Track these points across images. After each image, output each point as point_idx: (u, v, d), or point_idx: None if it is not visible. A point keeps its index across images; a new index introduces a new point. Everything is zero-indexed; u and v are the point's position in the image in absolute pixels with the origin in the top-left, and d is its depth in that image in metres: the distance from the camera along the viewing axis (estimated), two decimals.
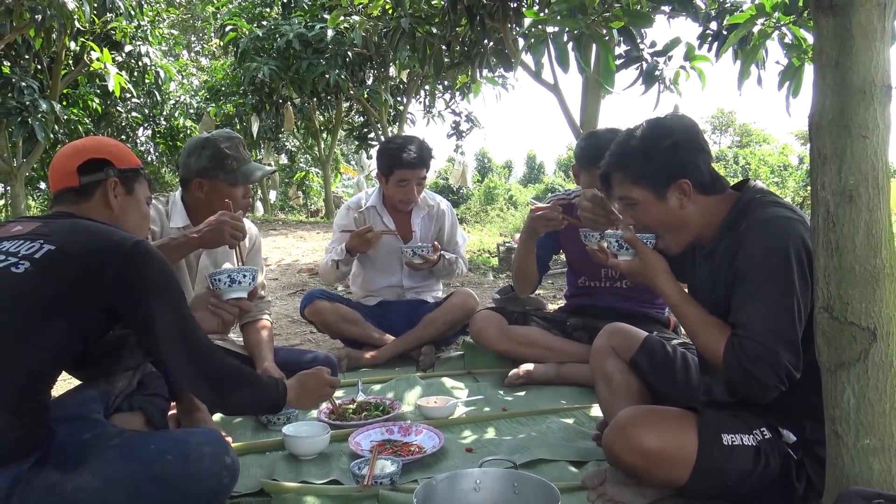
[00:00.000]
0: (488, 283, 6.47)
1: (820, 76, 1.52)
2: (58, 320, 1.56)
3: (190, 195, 2.66)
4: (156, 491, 1.52)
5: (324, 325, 3.54)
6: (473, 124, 12.67)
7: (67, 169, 1.82)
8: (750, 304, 1.72)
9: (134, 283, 1.61)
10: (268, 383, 1.87)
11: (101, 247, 1.62)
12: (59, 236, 1.62)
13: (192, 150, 2.63)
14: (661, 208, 1.87)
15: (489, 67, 5.34)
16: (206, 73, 15.40)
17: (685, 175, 1.84)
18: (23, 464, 1.49)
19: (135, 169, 1.91)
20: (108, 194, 1.83)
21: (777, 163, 14.10)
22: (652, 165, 1.85)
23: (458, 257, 3.64)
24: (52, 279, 1.56)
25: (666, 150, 1.84)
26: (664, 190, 1.85)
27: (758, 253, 1.73)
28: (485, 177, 25.71)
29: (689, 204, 1.86)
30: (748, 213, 1.81)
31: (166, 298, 1.66)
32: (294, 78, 9.47)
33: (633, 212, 1.92)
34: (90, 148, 1.87)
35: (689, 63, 4.16)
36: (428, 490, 1.69)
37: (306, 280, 6.46)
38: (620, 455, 1.77)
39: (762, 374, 1.66)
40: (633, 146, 1.89)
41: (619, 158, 1.92)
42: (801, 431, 1.78)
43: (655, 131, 1.89)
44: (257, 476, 2.08)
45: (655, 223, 1.90)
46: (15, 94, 7.33)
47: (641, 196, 1.88)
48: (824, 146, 1.51)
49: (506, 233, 11.78)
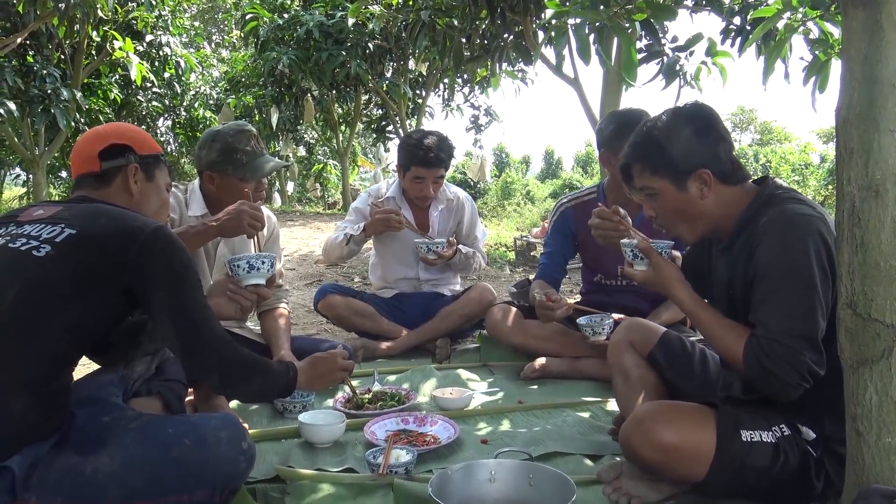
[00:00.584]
0: (505, 276, 6.47)
1: (848, 69, 1.49)
2: (79, 303, 1.57)
3: (207, 188, 2.68)
4: (173, 474, 1.53)
5: (337, 318, 3.55)
6: (492, 118, 12.65)
7: (89, 154, 1.83)
8: (769, 302, 1.69)
9: (152, 268, 1.62)
10: (278, 370, 1.87)
11: (122, 231, 1.63)
12: (79, 220, 1.64)
13: (203, 142, 2.65)
14: (681, 198, 1.85)
15: (509, 61, 5.31)
16: (226, 65, 15.47)
17: (705, 164, 1.82)
18: (43, 445, 1.50)
19: (155, 155, 1.92)
20: (129, 180, 1.84)
21: (798, 161, 13.96)
22: (671, 155, 1.83)
23: (476, 251, 3.62)
24: (72, 263, 1.58)
25: (685, 140, 1.83)
26: (684, 180, 1.84)
27: (777, 251, 1.71)
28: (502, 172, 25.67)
29: (710, 194, 1.84)
30: (767, 207, 1.79)
31: (183, 285, 1.66)
32: (314, 69, 9.48)
33: (654, 202, 1.91)
34: (112, 133, 1.88)
35: (711, 59, 4.12)
36: (443, 480, 1.69)
37: (323, 271, 6.48)
38: (638, 450, 1.76)
39: (784, 373, 1.64)
40: (653, 136, 1.88)
41: (638, 149, 1.91)
42: (821, 428, 1.76)
43: (675, 121, 1.87)
44: (273, 463, 2.09)
45: (675, 213, 1.89)
46: (37, 83, 7.41)
47: (661, 186, 1.86)
48: (851, 140, 1.49)
49: (523, 227, 11.76)
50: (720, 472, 1.71)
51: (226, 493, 1.63)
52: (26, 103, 7.44)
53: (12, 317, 1.52)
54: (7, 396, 1.47)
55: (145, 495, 1.51)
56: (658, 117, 1.92)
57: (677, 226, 1.91)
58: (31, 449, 1.49)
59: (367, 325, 3.50)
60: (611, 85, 5.42)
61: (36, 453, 1.49)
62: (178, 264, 1.67)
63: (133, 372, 1.94)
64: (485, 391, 2.92)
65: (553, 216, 3.24)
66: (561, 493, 1.61)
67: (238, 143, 2.59)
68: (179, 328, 1.66)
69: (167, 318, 1.65)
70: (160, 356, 2.09)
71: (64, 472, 1.48)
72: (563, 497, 1.57)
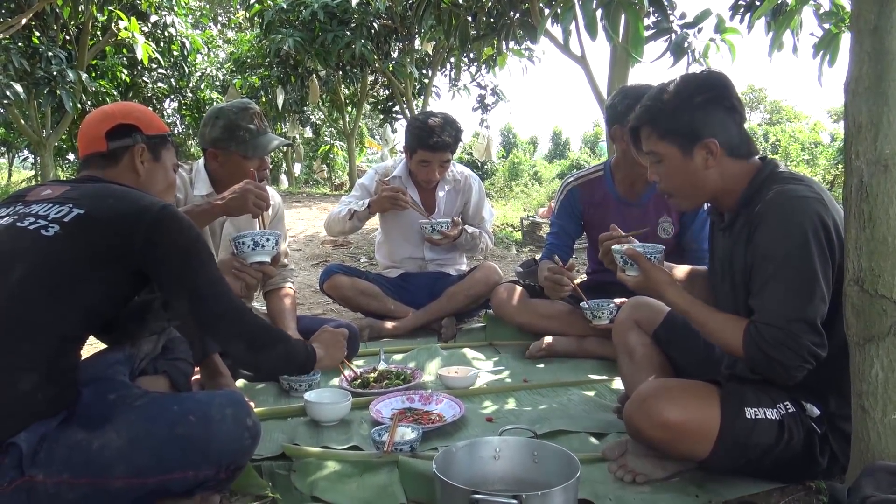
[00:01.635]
0: (511, 256, 6.46)
1: (857, 41, 1.47)
2: (87, 283, 1.58)
3: (211, 165, 2.68)
4: (178, 451, 1.54)
5: (342, 299, 3.55)
6: (499, 98, 12.55)
7: (96, 134, 1.83)
8: (768, 287, 1.68)
9: (163, 246, 1.63)
10: (297, 342, 1.90)
11: (130, 210, 1.63)
12: (87, 200, 1.64)
13: (206, 120, 2.66)
14: (686, 166, 1.84)
15: (515, 39, 5.28)
16: (232, 46, 15.41)
17: (713, 134, 1.80)
18: (50, 422, 1.51)
19: (162, 135, 1.92)
20: (136, 160, 1.84)
21: (808, 140, 13.84)
22: (681, 122, 1.81)
23: (482, 232, 3.61)
24: (81, 243, 1.58)
25: (696, 107, 1.80)
26: (691, 148, 1.82)
27: (774, 235, 1.69)
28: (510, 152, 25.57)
29: (715, 164, 1.82)
30: (767, 187, 1.77)
31: (196, 260, 1.68)
32: (319, 50, 9.43)
33: (659, 168, 1.89)
34: (118, 113, 1.87)
35: (720, 35, 4.07)
36: (447, 457, 1.69)
37: (329, 252, 6.49)
38: (641, 428, 1.76)
39: (785, 358, 1.63)
40: (664, 101, 1.85)
41: (648, 113, 1.88)
42: (826, 405, 1.75)
43: (687, 87, 1.84)
44: (279, 441, 2.10)
45: (678, 181, 1.87)
46: (43, 64, 7.41)
47: (667, 152, 1.85)
48: (860, 114, 1.47)
49: (529, 208, 11.72)
50: (724, 449, 1.71)
51: (231, 470, 1.63)
52: (32, 85, 7.44)
53: (20, 296, 1.52)
54: (15, 374, 1.48)
55: (151, 472, 1.52)
56: (670, 82, 1.89)
57: (678, 193, 1.90)
58: (38, 426, 1.49)
59: (372, 306, 3.50)
60: (618, 63, 5.36)
61: (43, 430, 1.49)
62: (186, 240, 1.67)
63: (139, 351, 1.94)
64: (490, 370, 2.92)
65: (559, 195, 3.22)
66: (565, 469, 1.61)
67: (241, 120, 2.59)
68: (194, 304, 1.67)
69: (181, 295, 1.67)
70: (166, 335, 2.09)
71: (70, 449, 1.49)
72: (567, 474, 1.57)
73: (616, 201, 3.03)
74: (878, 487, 1.35)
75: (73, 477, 1.47)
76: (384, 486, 1.83)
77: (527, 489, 1.50)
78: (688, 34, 4.04)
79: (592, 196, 3.09)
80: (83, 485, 1.48)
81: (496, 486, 1.72)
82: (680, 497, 1.76)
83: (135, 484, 1.51)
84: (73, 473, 1.47)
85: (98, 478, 1.48)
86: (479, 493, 1.47)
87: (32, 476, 1.45)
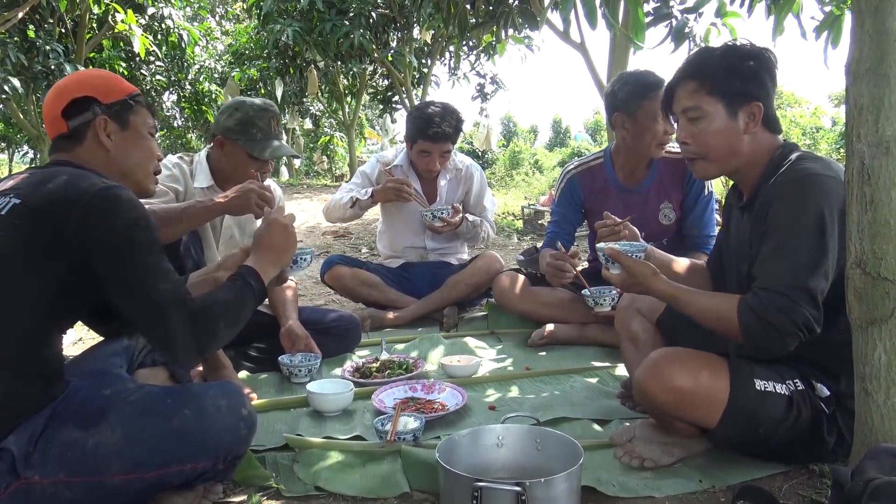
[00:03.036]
0: (513, 245, 6.46)
1: (858, 22, 1.46)
2: (35, 278, 1.49)
3: (216, 153, 2.68)
4: (174, 444, 1.52)
5: (343, 290, 3.55)
6: (498, 86, 12.51)
7: (53, 115, 1.69)
8: (772, 258, 1.68)
9: (94, 235, 1.49)
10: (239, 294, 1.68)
11: (64, 196, 1.50)
12: (27, 188, 1.53)
13: (225, 107, 2.67)
14: (728, 126, 1.82)
15: (515, 26, 5.24)
16: (230, 37, 15.35)
17: (759, 98, 1.80)
18: (37, 418, 1.48)
19: (123, 101, 1.73)
20: (100, 135, 1.68)
21: (809, 125, 13.79)
22: (733, 80, 1.80)
23: (483, 220, 3.60)
24: (17, 235, 1.49)
25: (750, 69, 1.80)
26: (737, 108, 1.80)
27: (788, 209, 1.69)
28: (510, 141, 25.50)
29: (754, 129, 1.81)
30: (785, 165, 1.77)
31: (127, 250, 1.51)
32: (318, 40, 9.39)
33: (695, 126, 1.85)
34: (72, 87, 1.71)
35: (721, 20, 4.04)
36: (451, 445, 1.69)
37: (330, 242, 6.49)
38: (651, 392, 1.76)
39: (780, 323, 1.62)
40: (718, 57, 1.84)
41: (699, 67, 1.86)
42: (836, 384, 1.75)
43: (741, 50, 1.84)
44: (282, 431, 2.10)
45: (715, 141, 1.83)
46: (41, 59, 7.39)
47: (713, 109, 1.82)
48: (861, 96, 1.46)
49: (531, 197, 11.71)
50: (733, 418, 1.71)
51: (229, 460, 1.62)
52: (30, 80, 7.43)
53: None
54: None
55: (148, 466, 1.50)
56: (722, 45, 1.89)
57: (709, 156, 1.86)
58: (26, 425, 1.47)
59: (374, 296, 3.50)
60: (618, 49, 5.33)
61: (32, 429, 1.47)
62: (123, 227, 1.51)
63: (137, 342, 1.92)
64: (492, 358, 2.92)
65: (560, 183, 3.21)
66: (568, 456, 1.61)
67: (258, 118, 2.60)
68: (125, 299, 1.53)
69: (113, 289, 1.53)
70: None
71: (66, 448, 1.46)
72: (570, 460, 1.57)
73: (616, 188, 3.02)
74: (882, 470, 1.35)
75: (70, 476, 1.45)
76: (387, 476, 1.83)
77: (530, 476, 1.50)
78: (688, 19, 4.01)
79: (593, 183, 3.08)
80: (80, 483, 1.46)
81: (499, 474, 1.72)
82: (683, 482, 1.76)
83: (132, 479, 1.49)
84: (69, 472, 1.45)
85: (95, 475, 1.47)
86: (483, 481, 1.47)
87: (28, 478, 1.42)
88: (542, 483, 1.46)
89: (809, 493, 1.71)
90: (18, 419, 1.47)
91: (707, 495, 1.72)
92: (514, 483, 1.46)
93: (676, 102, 1.89)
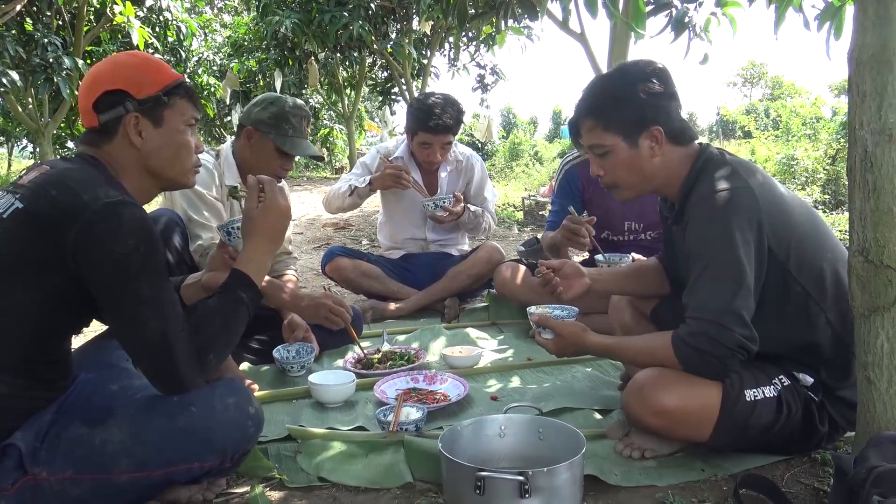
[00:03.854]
0: (513, 236, 6.45)
1: (861, 10, 1.45)
2: (35, 287, 1.44)
3: (241, 144, 2.68)
4: (182, 443, 1.51)
5: (344, 281, 3.55)
6: (498, 77, 12.46)
7: (86, 107, 1.60)
8: (696, 285, 1.69)
9: (91, 254, 1.42)
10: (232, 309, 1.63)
11: (65, 207, 1.42)
12: (33, 191, 1.47)
13: (259, 100, 2.69)
14: (632, 156, 1.82)
15: (514, 17, 5.21)
16: (228, 29, 15.30)
17: (656, 122, 1.79)
18: (43, 414, 1.48)
19: (156, 96, 1.61)
20: (130, 133, 1.59)
21: (809, 115, 13.73)
22: (624, 111, 1.80)
23: (484, 210, 3.60)
24: (17, 242, 1.44)
25: (638, 96, 1.79)
26: (636, 137, 1.80)
27: (699, 235, 1.71)
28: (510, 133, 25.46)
29: (660, 152, 1.81)
30: (702, 178, 1.77)
31: (122, 277, 1.44)
32: (317, 32, 9.36)
33: (604, 161, 1.86)
34: (105, 77, 1.60)
35: (721, 9, 4.02)
36: (453, 435, 1.70)
37: (331, 234, 6.48)
38: (639, 415, 1.77)
39: (713, 348, 1.64)
40: (605, 91, 1.85)
41: (590, 104, 1.87)
42: (817, 374, 1.77)
43: (626, 77, 1.83)
44: (284, 423, 2.11)
45: (625, 172, 1.85)
46: (39, 52, 7.35)
47: (613, 143, 1.82)
48: (864, 83, 1.45)
49: (531, 188, 11.70)
50: (725, 432, 1.72)
51: (237, 457, 1.62)
52: (29, 73, 7.39)
53: None
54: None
55: (155, 465, 1.49)
56: (610, 73, 1.90)
57: (621, 185, 1.88)
58: (32, 420, 1.47)
59: (375, 287, 3.50)
60: (618, 39, 5.31)
61: (38, 424, 1.47)
62: (121, 249, 1.42)
63: None
64: (494, 349, 2.93)
65: (559, 175, 3.21)
66: (571, 446, 1.61)
67: (292, 115, 2.63)
68: (117, 326, 1.50)
69: (108, 312, 1.49)
70: None
71: (73, 444, 1.46)
72: (572, 450, 1.57)
73: None
74: (884, 457, 1.35)
75: (77, 473, 1.45)
76: (390, 466, 1.84)
77: (533, 466, 1.50)
78: (688, 9, 3.99)
79: (591, 175, 3.07)
80: (87, 481, 1.46)
81: (502, 464, 1.73)
82: (685, 471, 1.77)
83: (140, 477, 1.49)
84: (76, 469, 1.45)
85: (102, 474, 1.47)
86: (485, 471, 1.48)
87: (35, 474, 1.43)
88: (545, 472, 1.47)
89: (811, 480, 1.72)
90: (25, 417, 1.47)
91: (709, 484, 1.72)
92: (517, 472, 1.46)
93: (582, 138, 1.90)
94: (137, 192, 1.61)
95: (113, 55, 1.71)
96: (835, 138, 10.21)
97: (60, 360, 1.56)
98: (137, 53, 1.70)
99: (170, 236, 2.45)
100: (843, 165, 1.54)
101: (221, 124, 15.37)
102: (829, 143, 10.20)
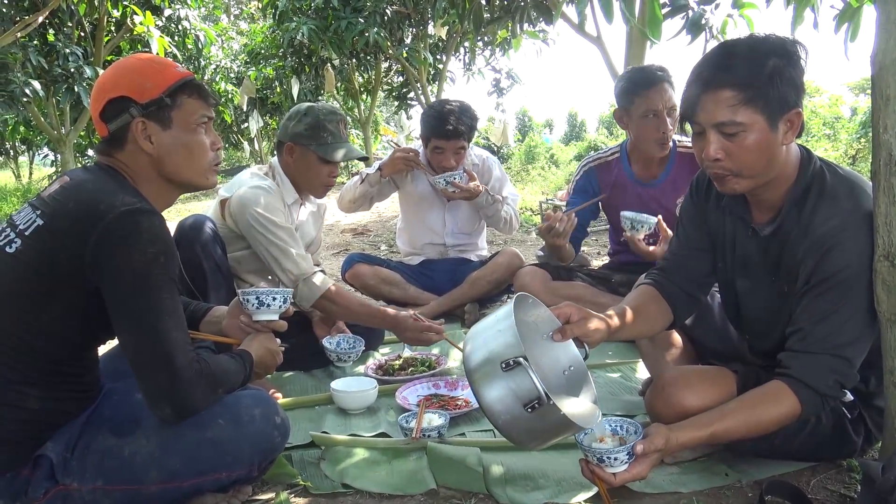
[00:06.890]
0: (531, 240, 6.44)
1: (884, 13, 1.44)
2: (56, 303, 1.43)
3: (285, 161, 2.70)
4: (210, 454, 1.54)
5: (364, 288, 3.56)
6: (514, 81, 12.47)
7: (95, 118, 1.59)
8: (834, 316, 1.55)
9: (108, 262, 1.39)
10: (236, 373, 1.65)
11: (83, 217, 1.41)
12: (52, 206, 1.47)
13: (294, 113, 2.69)
14: (769, 139, 1.54)
15: (530, 21, 5.21)
16: (245, 37, 15.41)
17: (797, 104, 1.55)
18: (73, 424, 1.50)
19: (159, 99, 1.55)
20: (139, 139, 1.54)
21: (829, 115, 13.58)
22: (776, 86, 1.51)
23: (505, 199, 3.56)
24: (36, 260, 1.43)
25: (787, 71, 1.52)
26: (778, 118, 1.54)
27: (853, 260, 1.54)
28: (525, 136, 25.40)
29: (788, 140, 1.58)
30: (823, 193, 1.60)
31: (140, 288, 1.41)
32: (333, 38, 9.41)
33: (730, 141, 1.56)
34: (107, 86, 1.57)
35: (738, 11, 4.00)
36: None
37: (349, 240, 6.51)
38: (662, 415, 1.75)
39: (833, 389, 1.56)
40: (751, 60, 1.53)
41: (731, 74, 1.53)
42: (865, 385, 1.71)
43: (774, 47, 1.54)
44: (308, 429, 2.12)
45: (754, 157, 1.56)
46: (60, 61, 7.47)
47: (753, 121, 1.53)
48: (887, 87, 1.44)
49: (547, 191, 11.66)
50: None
51: (264, 465, 1.65)
52: (50, 83, 7.51)
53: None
54: (14, 400, 1.44)
55: (184, 475, 1.52)
56: (744, 42, 1.58)
57: (744, 172, 1.59)
58: (62, 431, 1.49)
59: (394, 294, 3.52)
60: (635, 42, 5.30)
61: (68, 435, 1.49)
62: (140, 260, 1.39)
63: None
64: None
65: (577, 176, 3.21)
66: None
67: (328, 122, 2.63)
68: (129, 337, 1.44)
69: (120, 322, 1.44)
70: None
71: (102, 455, 1.48)
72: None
73: (632, 182, 3.02)
74: None
75: (107, 483, 1.48)
76: (414, 472, 1.85)
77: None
78: (705, 10, 3.97)
79: (609, 177, 3.07)
80: (118, 491, 1.48)
81: None
82: (709, 476, 1.76)
83: (169, 488, 1.52)
84: (106, 480, 1.47)
85: (133, 484, 1.49)
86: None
87: (67, 485, 1.45)
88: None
89: (838, 487, 1.70)
90: (55, 428, 1.49)
91: (734, 490, 1.72)
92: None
93: (704, 114, 1.57)
94: (155, 198, 1.59)
95: (118, 60, 1.69)
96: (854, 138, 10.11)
97: (87, 371, 1.58)
98: (141, 56, 1.67)
99: (210, 244, 2.45)
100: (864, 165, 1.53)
101: (238, 131, 15.48)
102: (850, 143, 10.10)
